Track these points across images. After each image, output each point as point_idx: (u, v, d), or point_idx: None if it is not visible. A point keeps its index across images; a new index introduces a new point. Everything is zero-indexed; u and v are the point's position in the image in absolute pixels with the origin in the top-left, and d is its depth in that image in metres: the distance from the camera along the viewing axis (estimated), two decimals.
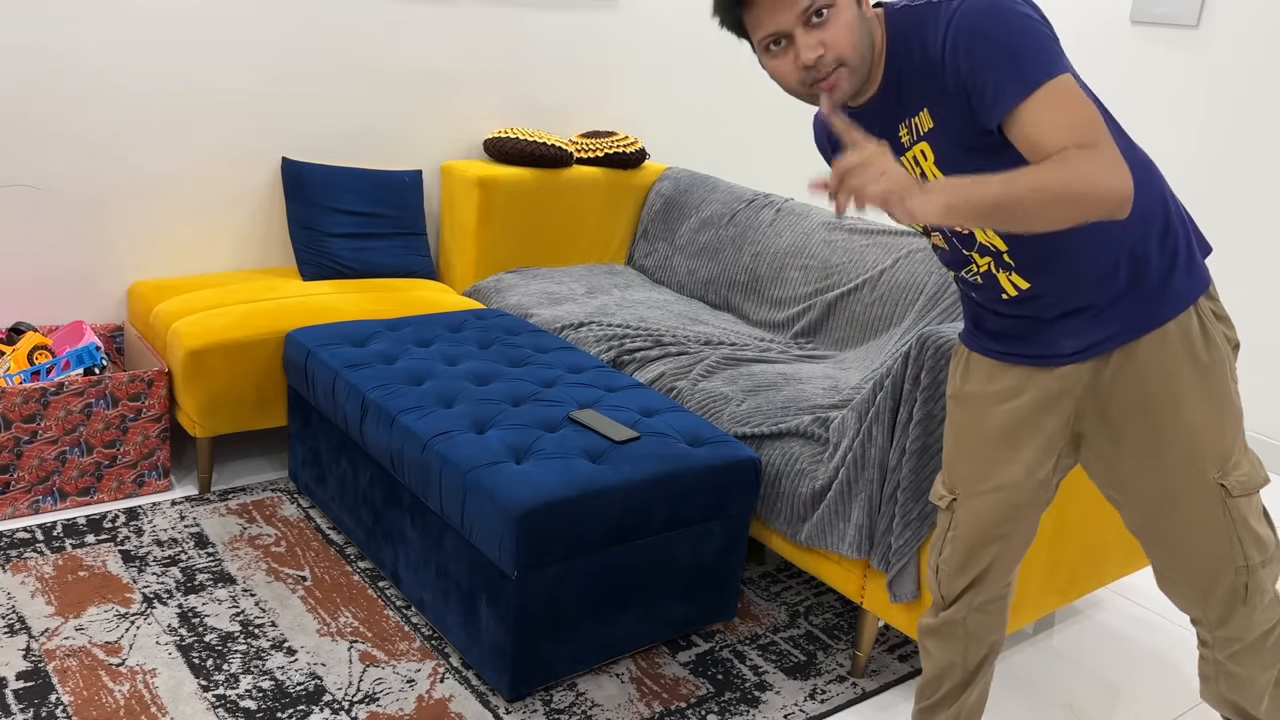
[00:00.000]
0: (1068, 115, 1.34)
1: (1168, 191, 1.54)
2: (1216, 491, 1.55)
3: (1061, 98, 1.35)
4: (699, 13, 4.06)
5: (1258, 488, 1.57)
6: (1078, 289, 1.53)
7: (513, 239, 3.49)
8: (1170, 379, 1.53)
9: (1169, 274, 1.53)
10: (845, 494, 2.22)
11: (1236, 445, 1.56)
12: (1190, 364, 1.53)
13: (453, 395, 2.39)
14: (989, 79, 1.37)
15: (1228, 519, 1.56)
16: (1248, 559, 1.58)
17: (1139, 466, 1.58)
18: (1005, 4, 1.38)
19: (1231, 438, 1.56)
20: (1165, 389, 1.54)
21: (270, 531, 2.67)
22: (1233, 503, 1.56)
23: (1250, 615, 1.62)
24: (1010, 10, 1.38)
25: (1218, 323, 1.56)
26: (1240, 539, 1.57)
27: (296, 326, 2.79)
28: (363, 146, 3.38)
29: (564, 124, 3.83)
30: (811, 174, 4.75)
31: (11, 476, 2.57)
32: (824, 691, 2.29)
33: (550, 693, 2.19)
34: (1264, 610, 1.63)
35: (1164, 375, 1.54)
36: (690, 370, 2.73)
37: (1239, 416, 1.58)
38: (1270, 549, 1.61)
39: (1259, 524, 1.59)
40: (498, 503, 1.98)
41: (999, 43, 1.37)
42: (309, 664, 2.19)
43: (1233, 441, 1.56)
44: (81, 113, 2.87)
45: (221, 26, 3.02)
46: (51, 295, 2.97)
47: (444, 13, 3.40)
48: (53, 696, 2.02)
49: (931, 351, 2.03)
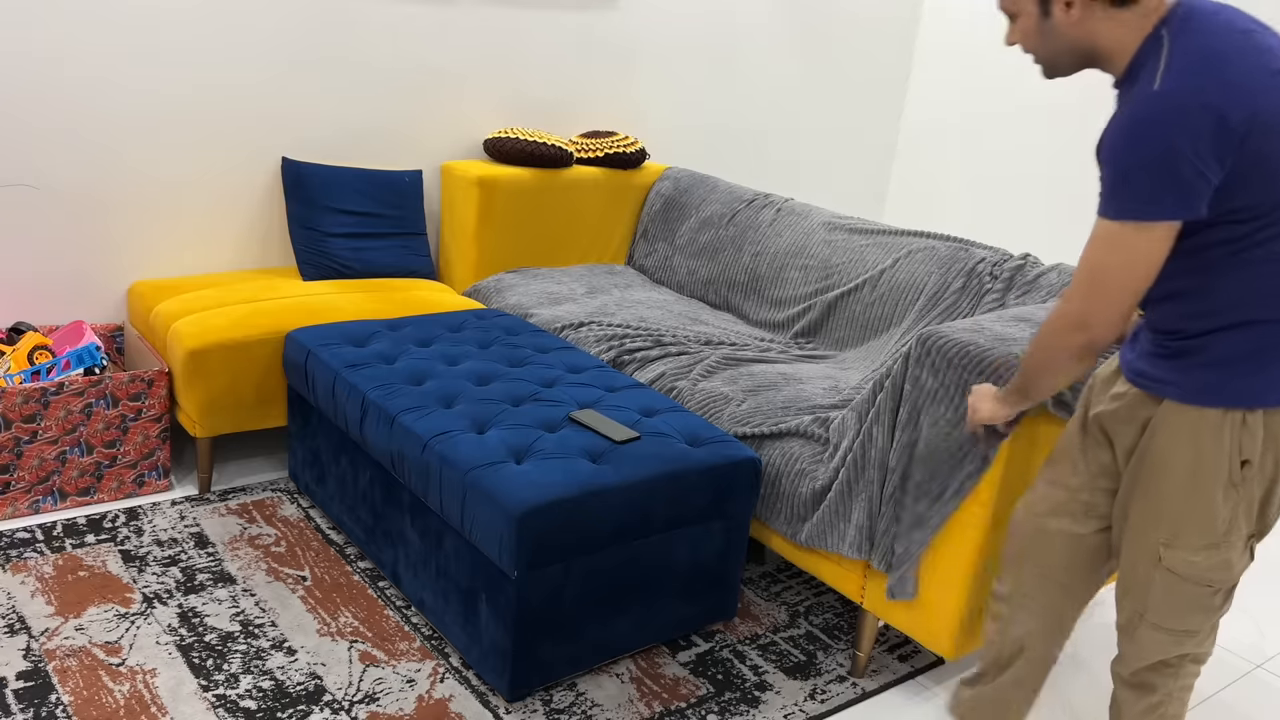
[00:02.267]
0: (1082, 260, 1.53)
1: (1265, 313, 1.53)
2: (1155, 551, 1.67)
3: (1094, 242, 1.51)
4: (699, 12, 4.06)
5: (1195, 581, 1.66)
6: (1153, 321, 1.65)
7: (513, 239, 3.49)
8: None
9: (1211, 367, 1.56)
10: (846, 494, 2.22)
11: (1191, 543, 1.64)
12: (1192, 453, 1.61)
13: (453, 395, 2.39)
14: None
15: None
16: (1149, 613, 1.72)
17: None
18: (1159, 117, 1.41)
19: (1191, 530, 1.63)
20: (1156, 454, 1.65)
21: (270, 531, 2.67)
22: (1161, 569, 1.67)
23: (1136, 650, 1.76)
24: (1153, 130, 1.42)
25: (1246, 437, 1.57)
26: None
27: (296, 326, 2.79)
28: (363, 146, 3.38)
29: (564, 124, 3.83)
30: (812, 174, 4.75)
31: (11, 476, 2.57)
32: (824, 691, 2.29)
33: (550, 693, 2.19)
34: (1146, 653, 1.75)
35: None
36: (690, 370, 2.73)
37: (1211, 526, 1.62)
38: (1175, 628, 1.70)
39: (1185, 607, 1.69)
40: (498, 503, 1.98)
41: (1112, 155, 1.47)
42: (309, 664, 2.19)
43: (1192, 534, 1.63)
44: (82, 113, 2.87)
45: (222, 27, 3.01)
46: (51, 295, 2.97)
47: (444, 13, 3.40)
48: (53, 696, 2.02)
49: (932, 351, 2.03)
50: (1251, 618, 2.80)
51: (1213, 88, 1.41)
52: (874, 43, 4.70)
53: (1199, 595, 1.67)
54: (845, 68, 4.65)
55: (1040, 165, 4.50)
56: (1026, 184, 4.57)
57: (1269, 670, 2.57)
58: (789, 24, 4.37)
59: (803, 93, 4.55)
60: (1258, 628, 2.75)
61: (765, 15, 4.27)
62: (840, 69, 4.63)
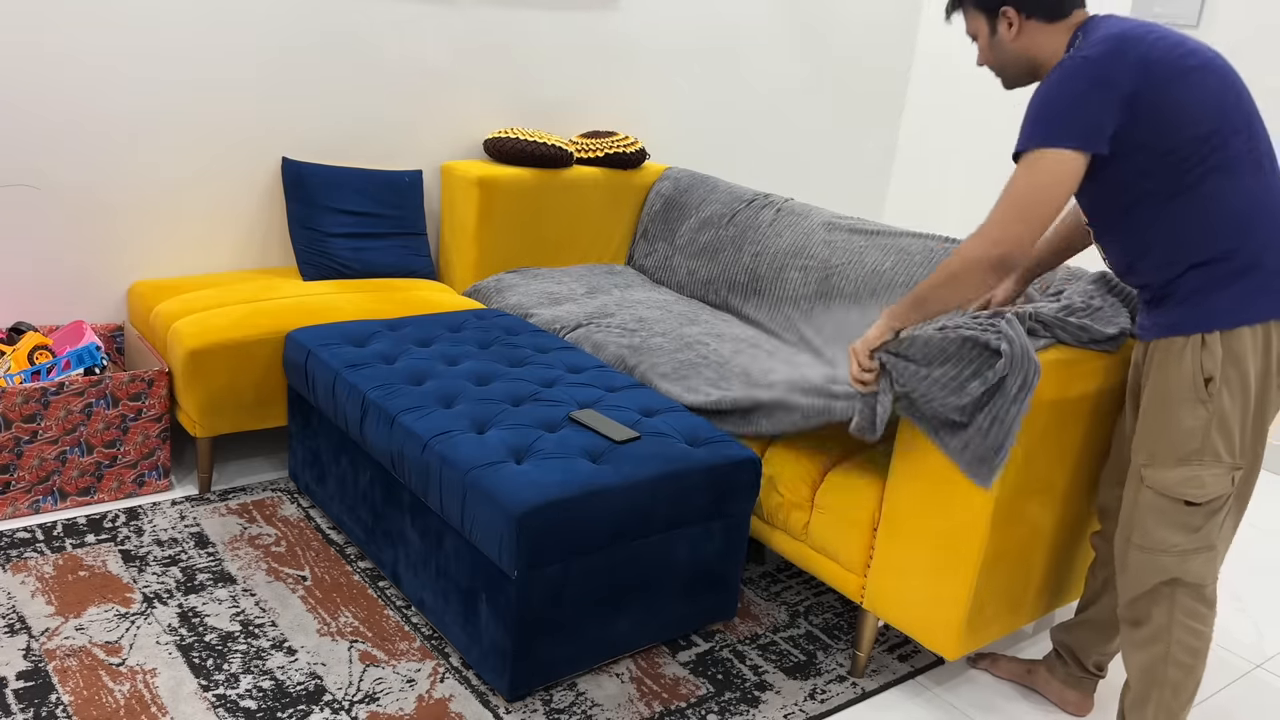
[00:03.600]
0: (1004, 192, 1.80)
1: (1243, 241, 1.79)
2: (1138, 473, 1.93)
3: (1016, 174, 1.79)
4: (699, 13, 4.06)
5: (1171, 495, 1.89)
6: (1135, 283, 1.94)
7: (513, 239, 3.49)
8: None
9: (1177, 305, 1.84)
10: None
11: (1165, 460, 1.88)
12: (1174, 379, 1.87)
13: (453, 395, 2.39)
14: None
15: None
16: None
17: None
18: (1071, 68, 1.77)
19: (1165, 448, 1.88)
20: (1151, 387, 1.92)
21: (270, 531, 2.67)
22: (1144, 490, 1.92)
23: (1127, 579, 1.97)
24: (1066, 74, 1.77)
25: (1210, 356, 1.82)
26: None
27: (296, 326, 2.79)
28: (363, 146, 3.38)
29: (564, 124, 3.84)
30: (812, 174, 4.75)
31: (11, 476, 2.57)
32: (824, 691, 2.29)
33: (550, 693, 2.19)
34: (1130, 584, 1.97)
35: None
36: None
37: (1181, 441, 1.86)
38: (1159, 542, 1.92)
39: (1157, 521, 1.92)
40: (498, 503, 1.99)
41: (1033, 98, 1.81)
42: (309, 664, 2.19)
43: (1165, 451, 1.88)
44: (82, 113, 2.87)
45: (222, 27, 3.02)
46: (51, 295, 2.98)
47: (444, 13, 3.40)
48: (53, 696, 2.02)
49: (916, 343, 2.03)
50: (1251, 618, 2.80)
51: (1114, 50, 1.75)
52: (874, 43, 4.70)
53: (1175, 511, 1.88)
54: (845, 68, 4.65)
55: None
56: None
57: (1269, 670, 2.57)
58: (789, 24, 4.37)
59: (803, 93, 4.55)
60: (1257, 628, 2.75)
61: (765, 16, 4.27)
62: (840, 69, 4.63)
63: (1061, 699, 2.31)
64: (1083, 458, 2.20)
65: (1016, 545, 2.15)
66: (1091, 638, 2.27)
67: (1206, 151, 1.76)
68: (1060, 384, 2.04)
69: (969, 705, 2.31)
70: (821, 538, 2.33)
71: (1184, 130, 1.75)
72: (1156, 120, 1.75)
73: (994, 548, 2.09)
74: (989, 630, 2.21)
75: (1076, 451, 2.18)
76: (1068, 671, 2.30)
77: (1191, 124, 1.75)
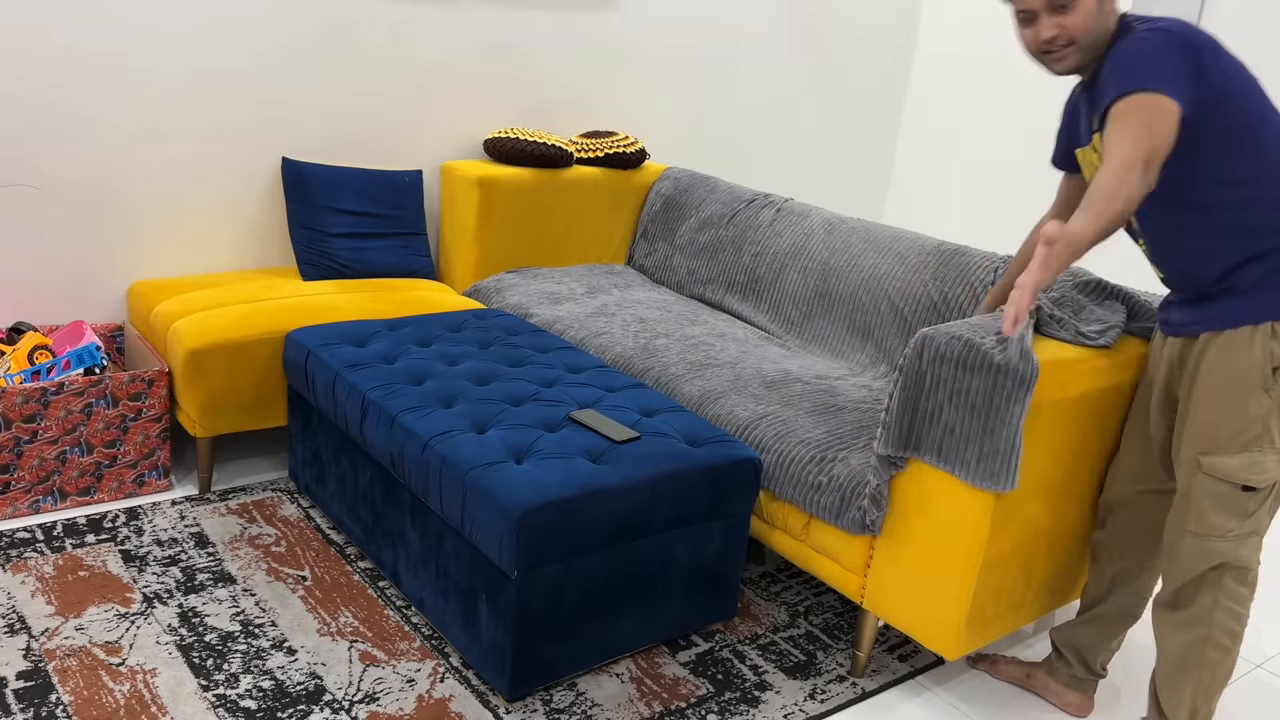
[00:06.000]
0: (1114, 134, 1.70)
1: None
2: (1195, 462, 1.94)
3: (1122, 113, 1.70)
4: (699, 13, 4.06)
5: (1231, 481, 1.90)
6: (1180, 282, 1.96)
7: (513, 239, 3.49)
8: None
9: (1238, 298, 1.86)
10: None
11: (1226, 447, 1.90)
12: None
13: (453, 395, 2.39)
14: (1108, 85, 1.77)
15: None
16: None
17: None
18: (1154, 37, 1.75)
19: (1226, 435, 1.89)
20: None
21: (270, 531, 2.67)
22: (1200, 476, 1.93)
23: (1176, 566, 1.98)
24: (1150, 39, 1.75)
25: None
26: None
27: (296, 326, 2.79)
28: (363, 146, 3.38)
29: (564, 124, 3.84)
30: (812, 174, 4.75)
31: (11, 476, 2.57)
32: (824, 691, 2.29)
33: (550, 693, 2.19)
34: (1183, 564, 1.97)
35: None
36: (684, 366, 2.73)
37: (1243, 428, 1.88)
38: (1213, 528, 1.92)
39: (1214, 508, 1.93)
40: (498, 503, 1.98)
41: (1122, 58, 1.77)
42: (309, 664, 2.19)
43: (1226, 438, 1.89)
44: (82, 113, 2.87)
45: (222, 26, 3.02)
46: (51, 295, 2.98)
47: (444, 13, 3.40)
48: (53, 696, 2.02)
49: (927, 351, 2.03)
50: (1251, 618, 2.80)
51: (1183, 28, 1.77)
52: (874, 43, 4.70)
53: (1232, 496, 1.90)
54: (845, 68, 4.65)
55: (1039, 168, 4.50)
56: (1026, 186, 4.57)
57: (1269, 670, 2.57)
58: (789, 25, 4.37)
59: (803, 93, 4.55)
60: (1257, 628, 2.75)
61: (765, 16, 4.27)
62: (840, 69, 4.63)
63: (1062, 701, 2.31)
64: (1083, 457, 2.20)
65: (1016, 545, 2.15)
66: (1099, 636, 2.27)
67: (1268, 137, 1.80)
68: (1060, 384, 2.04)
69: (969, 705, 2.31)
70: (821, 538, 2.33)
71: (1247, 117, 1.78)
72: (1223, 97, 1.78)
73: (994, 548, 2.09)
74: (989, 630, 2.21)
75: (1076, 451, 2.18)
76: (1070, 673, 2.30)
77: (1248, 107, 1.78)
